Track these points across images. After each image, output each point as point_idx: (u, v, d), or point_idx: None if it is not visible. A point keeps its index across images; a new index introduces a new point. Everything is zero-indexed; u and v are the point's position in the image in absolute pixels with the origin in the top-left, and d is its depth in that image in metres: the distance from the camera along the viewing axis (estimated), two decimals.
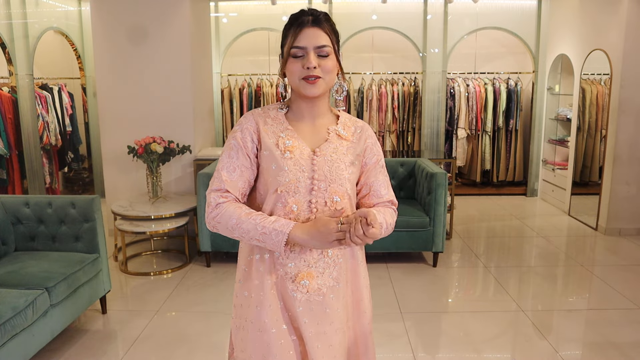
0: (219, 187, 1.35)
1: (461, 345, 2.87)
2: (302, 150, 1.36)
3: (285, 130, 1.38)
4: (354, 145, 1.42)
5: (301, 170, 1.33)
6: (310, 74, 1.30)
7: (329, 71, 1.33)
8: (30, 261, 2.87)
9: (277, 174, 1.32)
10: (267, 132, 1.37)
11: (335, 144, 1.39)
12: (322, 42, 1.31)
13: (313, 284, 1.35)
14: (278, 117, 1.41)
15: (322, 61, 1.32)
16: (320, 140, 1.40)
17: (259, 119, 1.40)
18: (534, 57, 6.13)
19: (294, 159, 1.33)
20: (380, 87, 6.37)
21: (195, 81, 4.57)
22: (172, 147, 4.17)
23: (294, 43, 1.31)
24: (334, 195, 1.35)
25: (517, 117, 6.34)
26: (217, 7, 6.18)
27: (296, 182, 1.32)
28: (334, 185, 1.35)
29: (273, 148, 1.35)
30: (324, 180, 1.34)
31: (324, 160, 1.35)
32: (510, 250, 4.51)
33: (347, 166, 1.38)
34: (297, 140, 1.36)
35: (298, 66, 1.31)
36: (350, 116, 1.50)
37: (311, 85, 1.32)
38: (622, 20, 4.59)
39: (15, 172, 5.11)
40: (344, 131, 1.42)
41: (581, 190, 5.56)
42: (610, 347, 2.81)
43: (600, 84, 5.40)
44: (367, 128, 1.48)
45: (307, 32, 1.31)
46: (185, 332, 3.00)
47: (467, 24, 6.10)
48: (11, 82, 5.12)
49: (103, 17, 4.43)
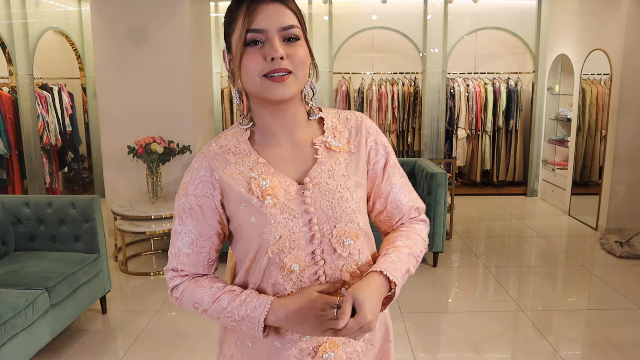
0: (174, 266, 1.04)
1: (461, 345, 2.87)
2: (287, 187, 0.99)
3: (256, 165, 1.00)
4: (354, 155, 1.05)
5: (292, 217, 0.97)
6: (275, 68, 0.92)
7: (301, 62, 0.94)
8: (30, 261, 2.87)
9: (260, 232, 0.97)
10: (232, 177, 0.99)
11: (328, 163, 1.02)
12: (288, 21, 0.93)
13: (340, 354, 1.02)
14: (241, 146, 1.02)
15: (291, 48, 0.93)
16: (307, 163, 1.02)
17: (215, 162, 1.01)
18: (534, 57, 6.13)
19: (279, 204, 0.97)
20: (380, 87, 6.37)
21: (195, 81, 4.57)
22: (172, 147, 4.17)
23: (249, 26, 0.92)
24: (343, 238, 0.99)
25: (517, 117, 6.34)
26: (217, 7, 6.18)
27: (290, 235, 0.97)
28: (341, 224, 0.99)
29: (247, 197, 0.98)
30: (325, 221, 0.98)
31: (319, 193, 0.99)
32: (510, 250, 4.51)
33: (353, 192, 1.01)
34: (276, 176, 0.99)
35: (256, 58, 0.92)
36: (338, 111, 1.10)
37: (279, 83, 0.93)
38: (622, 20, 4.59)
39: (15, 172, 5.11)
40: (335, 140, 1.04)
41: (581, 190, 5.56)
42: (610, 347, 2.81)
43: (600, 84, 5.40)
44: (362, 120, 1.09)
45: (265, 9, 0.92)
46: (185, 332, 3.00)
47: (467, 24, 6.10)
48: (11, 82, 5.12)
49: (103, 17, 4.43)
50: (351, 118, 1.09)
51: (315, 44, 6.10)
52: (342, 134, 1.06)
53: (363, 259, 1.03)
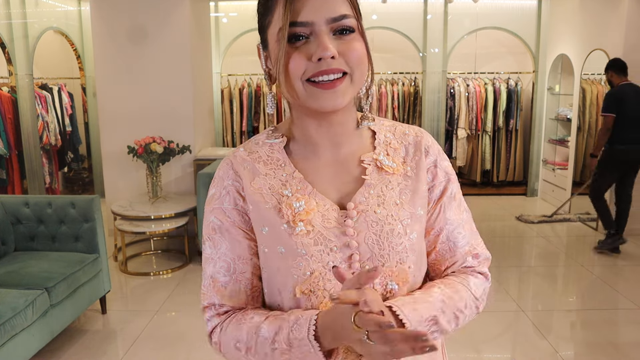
0: (210, 301, 0.85)
1: (461, 345, 2.86)
2: (325, 212, 0.80)
3: (291, 180, 0.82)
4: (411, 180, 0.84)
5: (330, 250, 0.78)
6: (324, 69, 0.73)
7: (358, 60, 0.75)
8: (30, 261, 2.87)
9: (289, 265, 0.78)
10: (260, 192, 0.81)
11: (378, 187, 0.82)
12: (339, 9, 0.74)
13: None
14: (274, 155, 0.84)
15: (344, 44, 0.74)
16: (352, 184, 0.83)
17: (242, 169, 0.83)
18: (534, 57, 6.13)
19: (314, 232, 0.78)
20: (380, 87, 6.37)
21: (195, 81, 4.56)
22: (172, 147, 4.17)
23: (291, 18, 0.73)
24: (387, 280, 0.80)
25: (517, 117, 6.34)
26: (217, 7, 6.17)
27: (324, 272, 0.78)
28: (389, 264, 0.79)
29: (275, 220, 0.80)
30: (369, 258, 0.79)
31: (365, 223, 0.79)
32: (510, 250, 4.51)
33: (407, 225, 0.82)
34: (314, 197, 0.81)
35: (300, 59, 0.74)
36: (394, 124, 0.90)
37: (329, 91, 0.74)
38: (622, 20, 4.58)
39: (15, 172, 5.11)
40: (388, 159, 0.84)
41: (581, 190, 5.55)
42: (610, 347, 2.81)
43: (600, 84, 5.40)
44: (422, 137, 0.89)
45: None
46: (185, 332, 3.00)
47: (467, 24, 6.10)
48: (11, 82, 5.11)
49: (103, 17, 4.42)
50: (410, 133, 0.89)
51: None
52: (397, 151, 0.86)
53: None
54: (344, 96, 0.75)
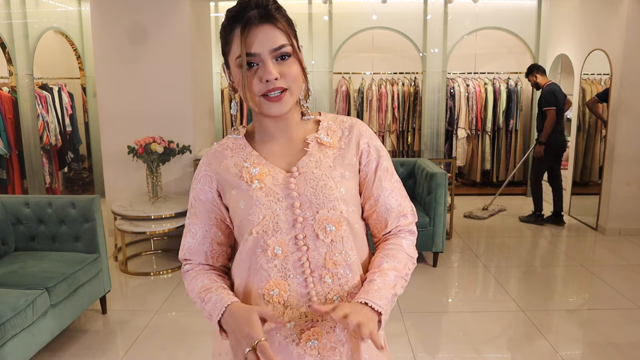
0: (182, 257, 1.16)
1: (461, 345, 2.87)
2: (275, 175, 1.07)
3: (249, 156, 1.09)
4: (342, 152, 1.11)
5: (277, 199, 1.04)
6: (270, 88, 1.00)
7: (294, 78, 1.02)
8: (30, 261, 2.87)
9: (247, 213, 1.04)
10: (227, 168, 1.09)
11: (317, 155, 1.08)
12: (278, 41, 1.00)
13: (324, 342, 1.05)
14: (238, 143, 1.13)
15: (284, 67, 1.01)
16: (298, 155, 1.10)
17: (213, 158, 1.12)
18: (534, 57, 6.13)
19: (266, 188, 1.05)
20: (380, 87, 6.37)
21: (195, 81, 4.57)
22: (172, 147, 4.17)
23: (245, 49, 0.99)
24: (325, 224, 1.04)
25: (517, 117, 6.34)
26: (217, 7, 6.18)
27: (273, 216, 1.03)
28: (324, 210, 1.04)
29: (238, 183, 1.07)
30: (308, 206, 1.04)
31: (304, 180, 1.05)
32: (510, 250, 4.51)
33: (338, 181, 1.07)
34: (267, 166, 1.08)
35: (257, 82, 1.01)
36: (336, 116, 1.17)
37: (276, 103, 1.02)
38: (622, 20, 4.59)
39: (15, 172, 5.11)
40: (327, 137, 1.11)
41: (581, 190, 5.56)
42: (610, 347, 2.81)
43: (600, 84, 5.40)
44: (358, 125, 1.15)
45: (256, 32, 0.99)
46: (185, 332, 3.00)
47: (467, 24, 6.10)
48: (11, 82, 5.12)
49: (103, 17, 4.43)
50: (346, 121, 1.16)
51: (316, 44, 6.10)
52: (335, 132, 1.13)
53: (347, 248, 1.07)
54: (287, 105, 1.03)
